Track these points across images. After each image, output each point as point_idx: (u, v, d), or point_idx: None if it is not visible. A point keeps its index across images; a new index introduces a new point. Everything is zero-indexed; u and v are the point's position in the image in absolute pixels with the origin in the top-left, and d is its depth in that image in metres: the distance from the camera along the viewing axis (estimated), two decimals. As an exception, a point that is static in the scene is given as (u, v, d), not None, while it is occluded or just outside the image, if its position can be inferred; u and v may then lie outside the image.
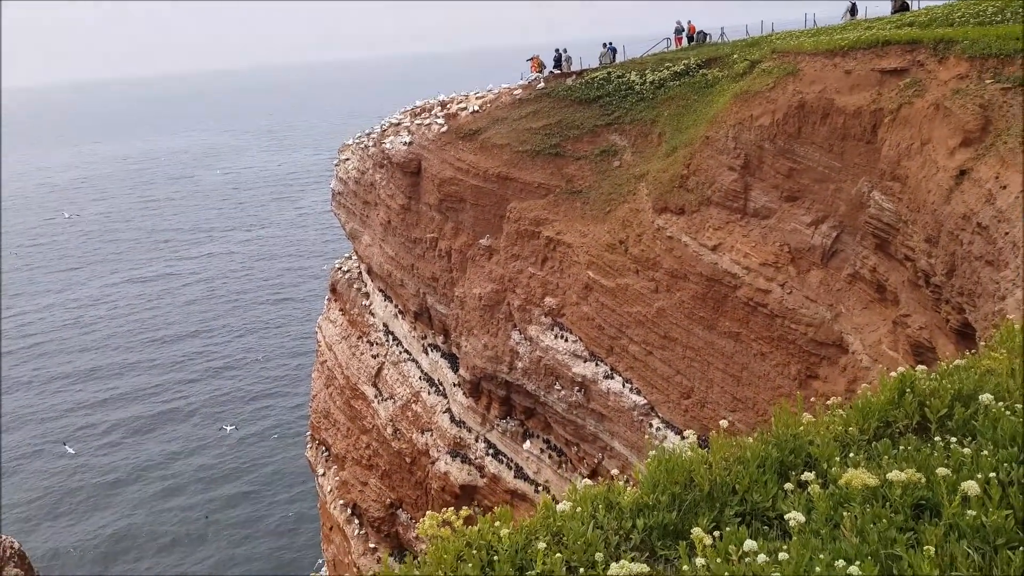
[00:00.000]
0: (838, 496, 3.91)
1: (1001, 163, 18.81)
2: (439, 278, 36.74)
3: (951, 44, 22.14)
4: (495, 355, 33.04)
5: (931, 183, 20.66)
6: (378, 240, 40.98)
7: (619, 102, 34.72)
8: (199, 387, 75.12)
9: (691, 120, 30.70)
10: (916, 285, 21.81)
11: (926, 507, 3.85)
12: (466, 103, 39.53)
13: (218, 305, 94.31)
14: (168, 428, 68.97)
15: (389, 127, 41.62)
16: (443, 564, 3.79)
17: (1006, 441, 4.17)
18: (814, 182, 25.44)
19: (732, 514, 4.05)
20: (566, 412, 31.13)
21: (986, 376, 5.15)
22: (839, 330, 24.98)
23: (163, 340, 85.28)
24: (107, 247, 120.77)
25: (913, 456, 4.21)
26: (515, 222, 32.50)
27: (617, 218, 30.24)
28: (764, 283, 26.10)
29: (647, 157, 31.73)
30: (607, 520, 4.03)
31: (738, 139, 26.99)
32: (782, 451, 4.42)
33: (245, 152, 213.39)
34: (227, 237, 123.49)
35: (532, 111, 36.27)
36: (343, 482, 42.19)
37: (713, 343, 27.39)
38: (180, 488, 60.84)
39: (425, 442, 36.86)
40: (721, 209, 27.39)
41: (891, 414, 4.77)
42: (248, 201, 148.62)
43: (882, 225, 22.76)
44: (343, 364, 43.06)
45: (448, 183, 35.18)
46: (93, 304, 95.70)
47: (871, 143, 23.56)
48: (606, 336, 29.83)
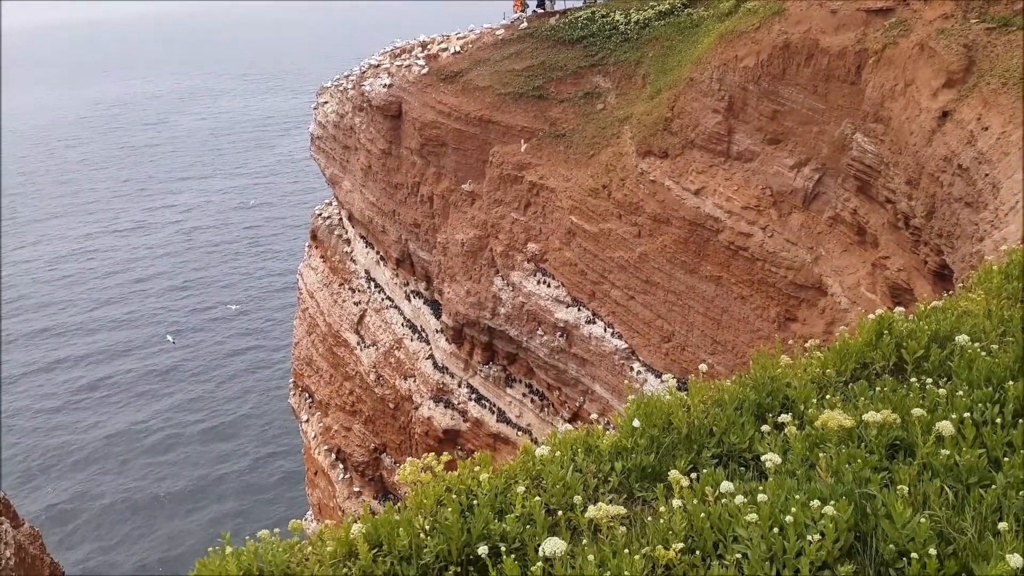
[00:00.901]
0: (814, 437, 3.95)
1: (983, 104, 18.75)
2: (421, 224, 36.50)
3: (937, -18, 21.84)
4: (478, 301, 33.07)
5: (914, 125, 20.60)
6: (359, 186, 40.54)
7: (603, 43, 34.16)
8: (179, 339, 74.65)
9: (676, 61, 30.31)
10: (896, 227, 21.91)
11: (901, 447, 3.89)
12: (447, 44, 38.74)
13: (197, 254, 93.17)
14: (148, 380, 68.66)
15: (368, 69, 40.76)
16: (423, 509, 3.80)
17: (981, 381, 4.21)
18: (797, 124, 25.30)
19: (709, 456, 4.08)
20: (548, 357, 31.34)
21: (963, 317, 5.18)
22: (819, 273, 25.15)
23: (141, 292, 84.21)
24: (82, 196, 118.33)
25: (889, 397, 4.24)
26: (498, 167, 32.20)
27: (600, 162, 30.02)
28: (746, 227, 26.14)
29: (631, 99, 31.37)
30: (586, 463, 4.05)
31: (722, 81, 26.69)
32: (760, 393, 4.44)
33: (221, 96, 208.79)
34: (205, 184, 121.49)
35: (515, 52, 35.63)
36: (327, 428, 42.51)
37: (694, 287, 27.53)
38: (161, 438, 60.87)
39: (408, 388, 37.08)
40: (704, 152, 27.24)
41: (868, 356, 4.79)
42: (225, 147, 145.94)
43: (864, 167, 22.75)
44: (325, 311, 42.98)
45: (429, 127, 34.68)
46: (69, 255, 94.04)
47: (855, 84, 23.39)
48: (588, 281, 29.90)
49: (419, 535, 3.57)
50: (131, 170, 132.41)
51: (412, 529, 3.59)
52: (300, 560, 3.65)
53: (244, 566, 3.54)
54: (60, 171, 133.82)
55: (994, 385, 4.14)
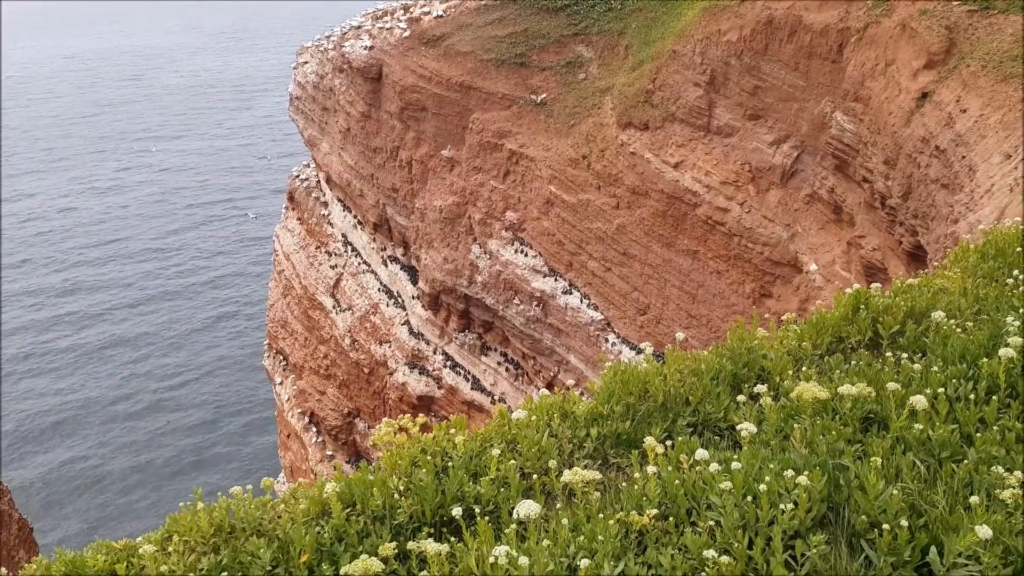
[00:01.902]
0: (789, 409, 3.97)
1: (963, 86, 18.84)
2: (399, 189, 36.20)
3: (922, -38, 21.82)
4: (455, 268, 32.97)
5: (893, 105, 20.68)
6: (337, 148, 40.06)
7: (587, 11, 33.87)
8: (154, 303, 73.44)
9: (659, 33, 30.11)
10: (872, 207, 22.08)
11: (875, 420, 3.92)
12: (430, 7, 38.22)
13: (171, 215, 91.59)
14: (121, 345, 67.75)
15: (350, 30, 40.12)
16: (398, 469, 3.78)
17: (955, 358, 4.25)
18: (778, 101, 25.31)
19: (684, 424, 4.09)
20: (524, 326, 31.41)
21: (939, 295, 5.22)
22: (795, 250, 25.33)
23: (116, 254, 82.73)
24: (56, 152, 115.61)
25: (864, 371, 4.27)
26: (478, 133, 31.94)
27: (581, 132, 29.88)
28: (724, 202, 26.22)
29: (613, 70, 31.18)
30: (561, 429, 4.04)
31: (705, 54, 26.59)
32: (736, 364, 4.45)
33: (199, 53, 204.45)
34: (181, 143, 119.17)
35: (498, 17, 35.22)
36: (301, 391, 42.41)
37: (671, 260, 27.64)
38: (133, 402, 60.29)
39: (383, 353, 37.03)
40: (685, 126, 27.20)
41: (844, 330, 4.82)
42: (202, 106, 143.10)
43: (842, 146, 22.83)
44: (301, 274, 42.67)
45: (410, 91, 34.27)
46: (41, 217, 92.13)
47: (836, 62, 23.40)
48: (566, 252, 29.90)
49: (393, 495, 3.56)
50: (106, 127, 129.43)
51: (386, 489, 3.57)
52: (272, 518, 3.62)
53: (216, 521, 3.51)
54: (34, 126, 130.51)
55: (968, 362, 4.19)
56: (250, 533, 3.52)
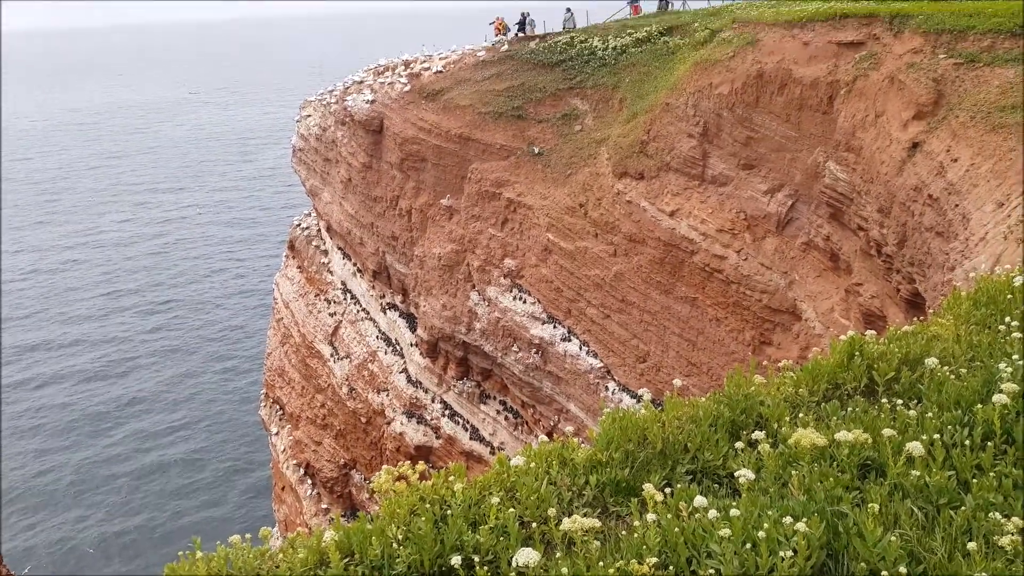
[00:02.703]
0: (787, 455, 3.98)
1: (952, 136, 19.13)
2: (399, 237, 36.44)
3: (906, 19, 22.40)
4: (453, 315, 33.01)
5: (884, 155, 20.97)
6: (338, 197, 40.44)
7: (581, 67, 34.55)
8: (153, 345, 73.41)
9: (652, 86, 30.67)
10: (868, 255, 22.23)
11: (872, 467, 3.94)
12: (430, 63, 38.99)
13: (174, 262, 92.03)
14: (120, 388, 67.50)
15: (352, 85, 40.91)
16: (396, 518, 3.78)
17: (951, 404, 4.28)
18: (771, 151, 25.66)
19: (684, 472, 4.10)
20: (523, 374, 31.32)
21: (932, 342, 5.26)
22: (793, 297, 25.41)
23: (117, 299, 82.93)
24: (61, 204, 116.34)
25: (860, 417, 4.30)
26: (476, 183, 32.28)
27: (577, 181, 30.21)
28: (720, 249, 26.39)
29: (608, 122, 31.67)
30: (561, 476, 4.05)
31: (697, 107, 27.04)
32: (733, 411, 4.48)
33: (204, 106, 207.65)
34: (183, 194, 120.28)
35: (495, 73, 35.90)
36: (296, 441, 42.04)
37: (669, 308, 27.70)
38: (131, 446, 59.81)
39: (381, 402, 36.83)
40: (680, 175, 27.52)
41: (840, 376, 4.86)
42: (206, 158, 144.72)
43: (836, 195, 23.09)
44: (299, 322, 42.66)
45: (410, 142, 34.75)
46: (45, 264, 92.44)
47: (827, 114, 23.80)
48: (564, 299, 29.98)
49: (392, 544, 3.55)
50: (110, 179, 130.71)
51: (385, 538, 3.57)
52: (270, 568, 3.61)
53: (214, 571, 3.50)
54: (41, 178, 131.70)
55: (963, 408, 4.21)
56: (248, 584, 3.50)
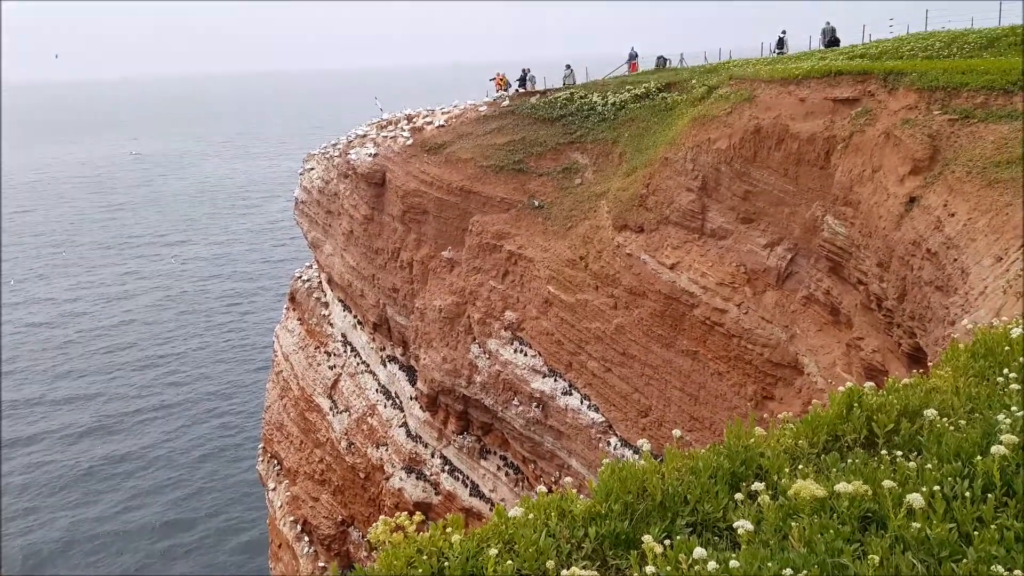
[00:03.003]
0: (787, 508, 3.96)
1: (949, 191, 19.33)
2: (400, 289, 36.55)
3: (901, 76, 22.81)
4: (454, 368, 32.90)
5: (882, 209, 21.17)
6: (340, 250, 40.68)
7: (581, 122, 35.13)
8: (149, 401, 72.97)
9: (651, 141, 31.13)
10: (869, 308, 22.26)
11: (873, 519, 3.91)
12: (432, 118, 39.64)
13: (175, 314, 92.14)
14: (116, 439, 66.96)
15: (355, 139, 41.52)
16: (393, 570, 3.75)
17: (950, 456, 4.27)
18: (770, 205, 25.90)
19: (683, 524, 4.07)
20: (524, 428, 31.08)
21: (931, 393, 5.27)
22: (794, 351, 25.36)
23: (118, 349, 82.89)
24: (62, 257, 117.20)
25: (860, 469, 4.28)
26: (477, 235, 32.51)
27: (578, 234, 30.43)
28: (721, 302, 26.43)
29: (608, 176, 32.05)
30: (559, 528, 4.02)
31: (696, 161, 27.39)
32: (733, 462, 4.46)
33: (209, 159, 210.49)
34: (187, 245, 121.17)
35: (496, 127, 36.48)
36: (294, 497, 41.51)
37: (671, 361, 27.62)
38: (125, 498, 59.06)
39: (380, 457, 36.47)
40: (679, 228, 27.73)
41: (839, 428, 4.85)
42: (209, 210, 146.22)
43: (835, 249, 23.23)
44: (299, 375, 42.50)
45: (412, 195, 35.11)
46: (46, 312, 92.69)
47: (824, 168, 24.09)
48: (565, 352, 29.91)
49: (389, 598, 3.52)
50: (114, 231, 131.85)
51: (382, 591, 3.54)
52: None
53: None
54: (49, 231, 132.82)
55: (963, 460, 4.20)
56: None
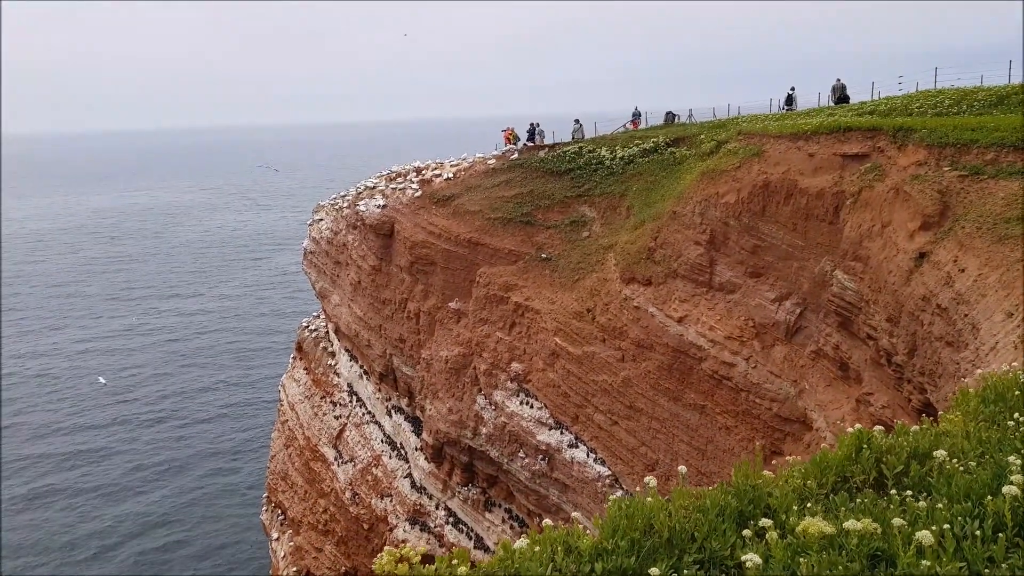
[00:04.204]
0: (795, 545, 3.92)
1: (959, 247, 19.38)
2: (406, 340, 36.55)
3: (910, 132, 23.03)
4: (459, 419, 32.70)
5: (892, 264, 21.20)
6: (347, 300, 40.83)
7: (589, 175, 35.52)
8: (156, 446, 72.68)
9: (659, 195, 31.40)
10: (878, 364, 22.12)
11: (882, 558, 3.86)
12: (441, 170, 40.15)
13: (182, 364, 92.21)
14: (121, 486, 66.42)
15: (364, 190, 42.01)
16: (397, 602, 3.71)
17: (960, 496, 4.23)
18: (778, 259, 25.98)
19: (691, 561, 4.02)
20: (529, 481, 30.73)
21: (941, 437, 5.23)
22: (803, 406, 25.15)
23: (125, 398, 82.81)
24: (72, 303, 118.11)
25: (870, 508, 4.24)
26: (484, 287, 32.63)
27: (585, 287, 30.51)
28: (729, 356, 26.32)
29: (615, 229, 32.26)
30: (565, 563, 3.98)
31: (704, 215, 27.58)
32: (741, 501, 4.42)
33: (218, 211, 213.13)
34: (195, 296, 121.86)
35: (505, 180, 36.90)
36: (297, 548, 40.93)
37: (678, 415, 27.41)
38: (130, 560, 58.21)
39: (384, 508, 36.03)
40: (687, 282, 27.78)
41: (848, 469, 4.81)
42: (218, 260, 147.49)
43: (844, 304, 23.20)
44: (304, 424, 42.29)
45: (420, 246, 35.36)
46: (53, 361, 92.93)
47: (833, 223, 24.21)
48: (572, 404, 29.73)
49: (392, 629, 3.48)
50: (124, 280, 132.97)
51: (385, 622, 3.50)
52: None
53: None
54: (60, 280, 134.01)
55: (973, 500, 4.16)
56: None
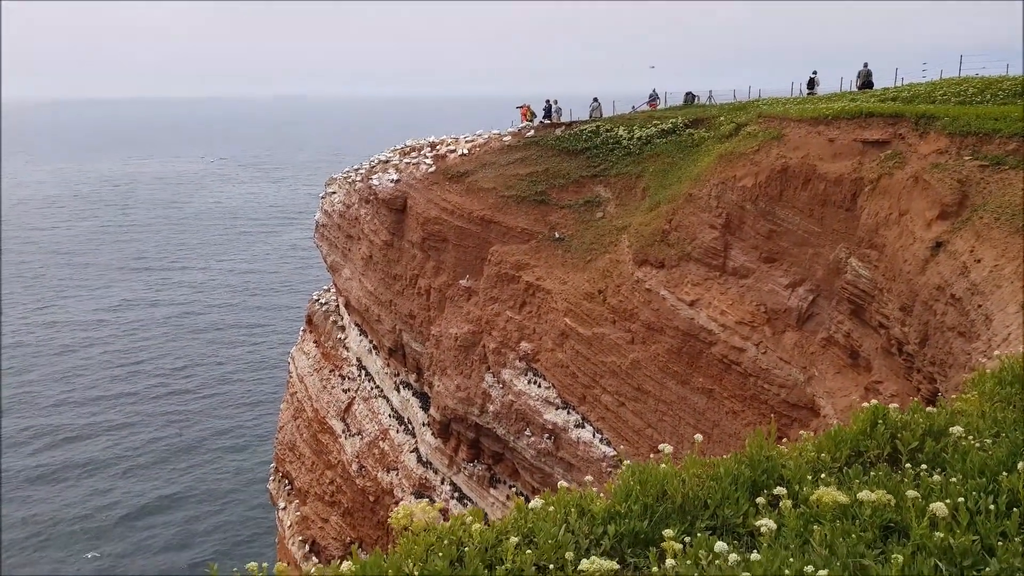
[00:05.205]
0: (808, 515, 3.93)
1: (976, 237, 19.23)
2: (416, 316, 36.64)
3: (932, 120, 22.80)
4: (467, 396, 32.84)
5: (907, 253, 21.07)
6: (358, 274, 40.91)
7: (606, 155, 35.31)
8: (166, 417, 73.29)
9: (675, 177, 31.23)
10: (889, 353, 22.05)
11: (895, 530, 3.88)
12: (455, 146, 39.98)
13: (192, 334, 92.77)
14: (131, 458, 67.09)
15: (378, 164, 41.89)
16: (412, 555, 3.75)
17: (975, 472, 4.23)
18: (793, 245, 25.85)
19: (703, 527, 4.05)
20: (535, 459, 30.89)
21: (956, 416, 5.23)
22: (811, 393, 25.12)
23: (133, 369, 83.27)
24: (83, 271, 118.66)
25: (883, 482, 4.25)
26: (496, 265, 32.63)
27: (597, 268, 30.47)
28: (739, 341, 26.29)
29: (630, 210, 32.14)
30: (579, 525, 4.01)
31: (720, 198, 27.44)
32: (755, 471, 4.44)
33: (230, 181, 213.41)
34: (206, 266, 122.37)
35: (520, 158, 36.75)
36: (304, 517, 41.34)
37: (686, 398, 27.43)
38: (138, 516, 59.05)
39: (390, 481, 36.32)
40: (700, 265, 27.70)
41: (863, 444, 4.82)
42: (230, 231, 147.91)
43: (858, 291, 23.10)
44: (313, 396, 42.55)
45: (432, 222, 35.34)
46: (65, 330, 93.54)
47: (850, 210, 24.05)
48: (579, 384, 29.80)
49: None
50: (135, 248, 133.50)
51: (401, 573, 3.54)
52: (284, 598, 3.58)
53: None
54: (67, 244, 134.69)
55: (988, 476, 4.17)
56: (260, 611, 3.47)
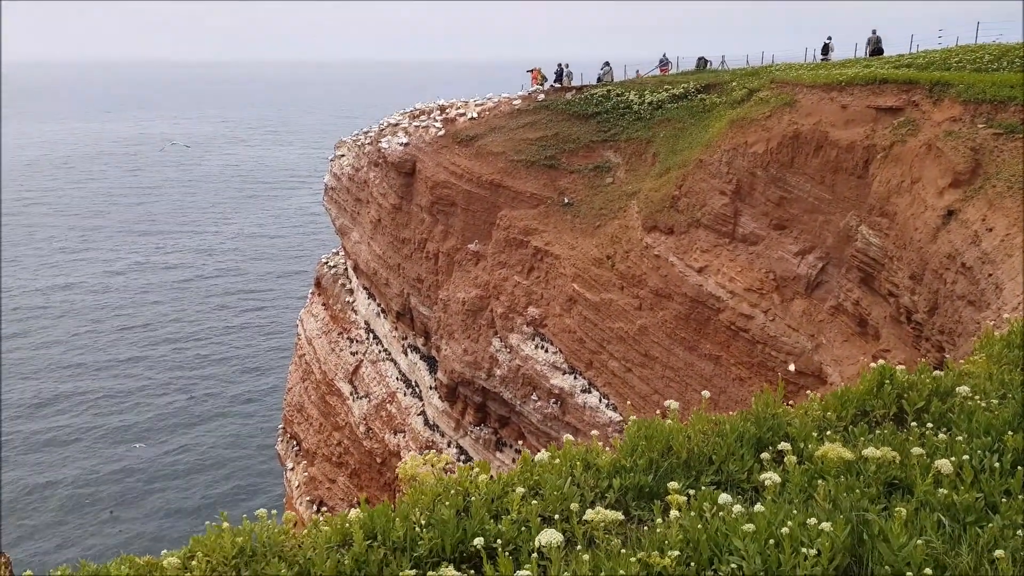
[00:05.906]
0: (813, 470, 3.97)
1: (988, 206, 19.08)
2: (424, 279, 36.71)
3: (947, 87, 22.49)
4: (474, 360, 33.00)
5: (919, 221, 20.92)
6: (367, 238, 40.93)
7: (616, 120, 35.01)
8: (175, 380, 73.87)
9: (686, 142, 30.98)
10: (898, 321, 22.02)
11: (899, 487, 3.91)
12: (465, 109, 39.69)
13: (200, 297, 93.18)
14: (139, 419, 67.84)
15: (387, 127, 41.66)
16: (420, 504, 3.81)
17: (980, 432, 4.25)
18: (803, 212, 25.70)
19: (708, 482, 4.09)
20: (541, 423, 31.11)
21: (963, 377, 5.24)
22: (819, 361, 25.14)
23: (141, 331, 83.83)
24: (91, 233, 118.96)
25: (889, 440, 4.28)
26: (504, 229, 32.57)
27: (606, 233, 30.39)
28: (747, 308, 26.27)
29: (640, 176, 31.96)
30: (584, 478, 4.06)
31: (731, 164, 27.24)
32: (760, 428, 4.47)
33: (240, 144, 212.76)
34: (215, 229, 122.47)
35: (530, 122, 36.48)
36: (311, 478, 41.87)
37: (693, 364, 27.51)
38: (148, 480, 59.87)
39: (397, 443, 36.68)
40: (710, 232, 27.60)
41: (869, 403, 4.84)
42: (239, 195, 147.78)
43: (868, 259, 23.00)
44: (321, 359, 42.84)
45: (441, 186, 35.24)
46: (70, 291, 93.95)
47: (862, 178, 23.85)
48: (586, 350, 29.89)
49: (415, 528, 3.57)
50: (142, 210, 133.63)
51: (408, 522, 3.59)
52: (294, 544, 3.64)
53: (239, 544, 3.53)
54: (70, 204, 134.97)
55: (993, 436, 4.19)
56: (272, 556, 3.54)
